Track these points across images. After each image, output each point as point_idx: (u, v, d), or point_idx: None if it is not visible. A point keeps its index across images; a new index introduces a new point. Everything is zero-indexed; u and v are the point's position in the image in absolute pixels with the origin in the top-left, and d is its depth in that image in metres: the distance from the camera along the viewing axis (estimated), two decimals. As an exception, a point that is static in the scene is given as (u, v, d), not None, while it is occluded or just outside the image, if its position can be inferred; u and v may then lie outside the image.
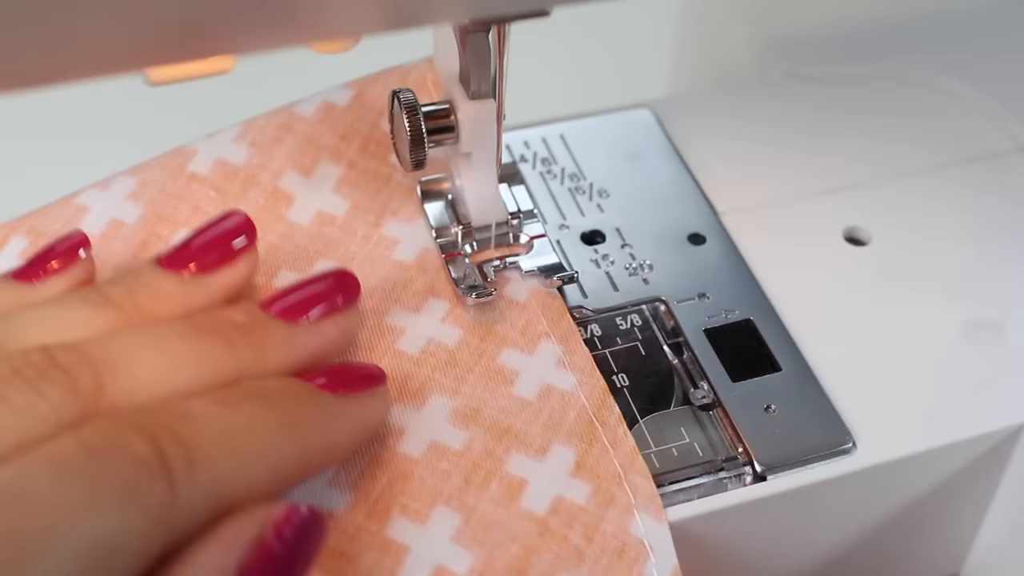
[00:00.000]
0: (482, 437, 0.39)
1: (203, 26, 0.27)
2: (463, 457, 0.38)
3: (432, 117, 0.41)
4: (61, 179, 0.47)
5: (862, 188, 0.49)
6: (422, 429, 0.39)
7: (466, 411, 0.39)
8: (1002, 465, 0.43)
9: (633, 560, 0.36)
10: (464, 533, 0.36)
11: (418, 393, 0.40)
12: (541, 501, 0.37)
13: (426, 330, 0.42)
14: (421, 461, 0.38)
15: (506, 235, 0.44)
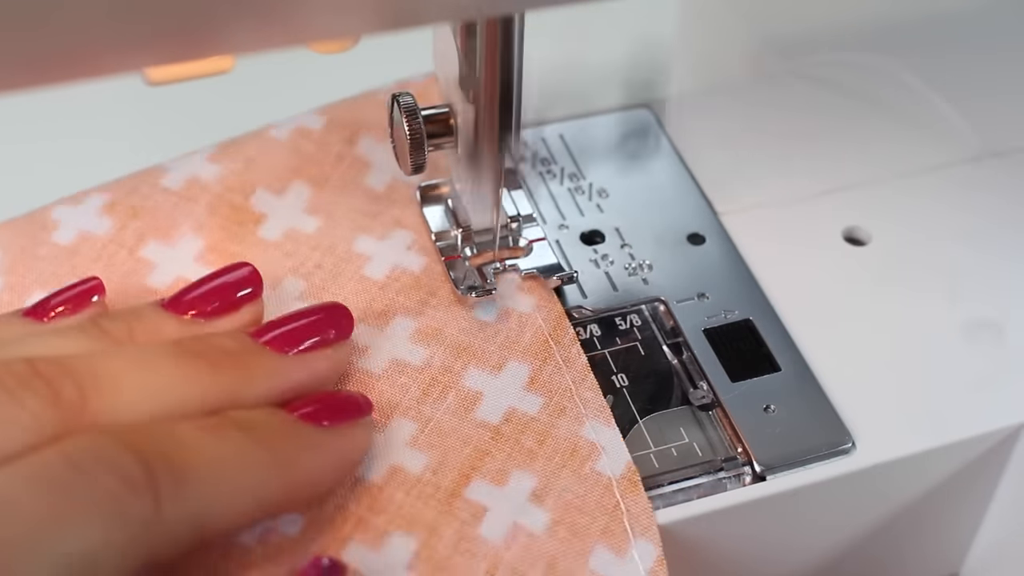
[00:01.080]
0: (441, 354, 0.41)
1: (202, 26, 0.27)
2: (422, 372, 0.40)
3: (432, 121, 0.41)
4: (61, 179, 0.47)
5: (862, 188, 0.49)
6: (384, 347, 0.41)
7: (427, 331, 0.41)
8: (1002, 465, 0.43)
9: (585, 457, 0.39)
10: (420, 439, 0.39)
11: (382, 315, 0.42)
12: (495, 412, 0.40)
13: (392, 257, 0.43)
14: (382, 376, 0.40)
15: (505, 239, 0.44)
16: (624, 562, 0.37)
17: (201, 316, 0.38)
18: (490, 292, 0.42)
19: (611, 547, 0.37)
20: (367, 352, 0.41)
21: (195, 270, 0.43)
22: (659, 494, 0.39)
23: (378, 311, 0.42)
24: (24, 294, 0.42)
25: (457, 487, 0.38)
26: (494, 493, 0.38)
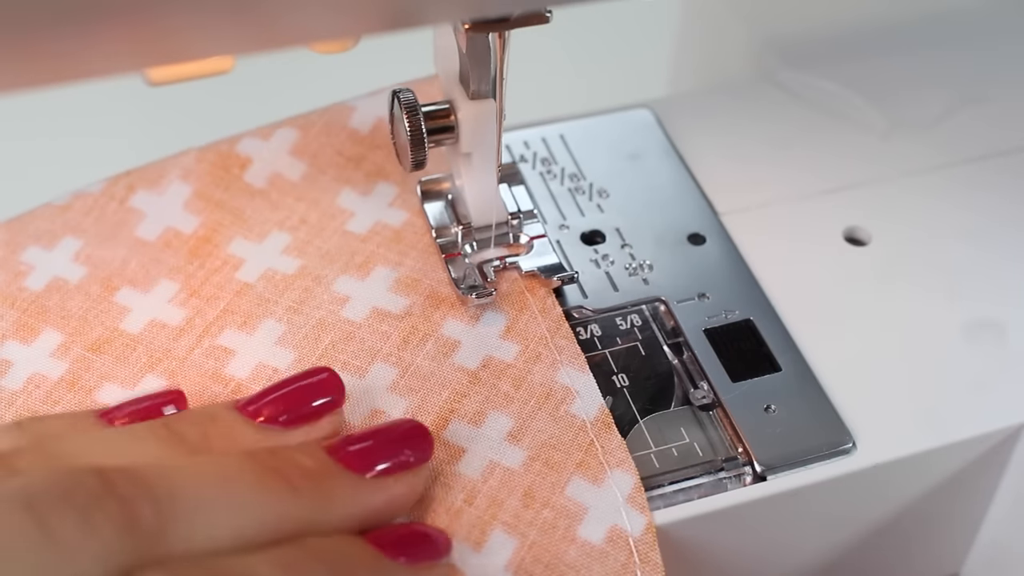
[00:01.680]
0: (421, 304, 0.42)
1: (202, 25, 0.27)
2: (402, 321, 0.42)
3: (432, 117, 0.41)
4: (62, 179, 0.47)
5: (862, 188, 0.49)
6: (365, 296, 0.43)
7: (407, 281, 0.43)
8: (1002, 465, 0.43)
9: (560, 400, 0.40)
10: (400, 384, 0.40)
11: (363, 266, 0.43)
12: (472, 358, 0.41)
13: (374, 213, 0.45)
14: (363, 324, 0.42)
15: (506, 235, 0.44)
16: (602, 490, 0.38)
17: (277, 423, 0.36)
18: (490, 293, 0.42)
19: (587, 477, 0.38)
20: (349, 301, 0.42)
21: (184, 217, 0.44)
22: (660, 494, 0.39)
23: (359, 263, 0.44)
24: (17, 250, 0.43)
25: (435, 429, 0.39)
26: (471, 434, 0.39)
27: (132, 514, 0.29)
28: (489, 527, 0.37)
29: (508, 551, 0.37)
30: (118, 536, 0.29)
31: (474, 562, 0.36)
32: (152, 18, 0.26)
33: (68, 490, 0.29)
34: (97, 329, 0.42)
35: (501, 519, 0.37)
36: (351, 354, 0.41)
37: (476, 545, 0.37)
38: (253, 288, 0.43)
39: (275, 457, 0.34)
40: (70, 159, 0.62)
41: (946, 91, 0.53)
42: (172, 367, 0.41)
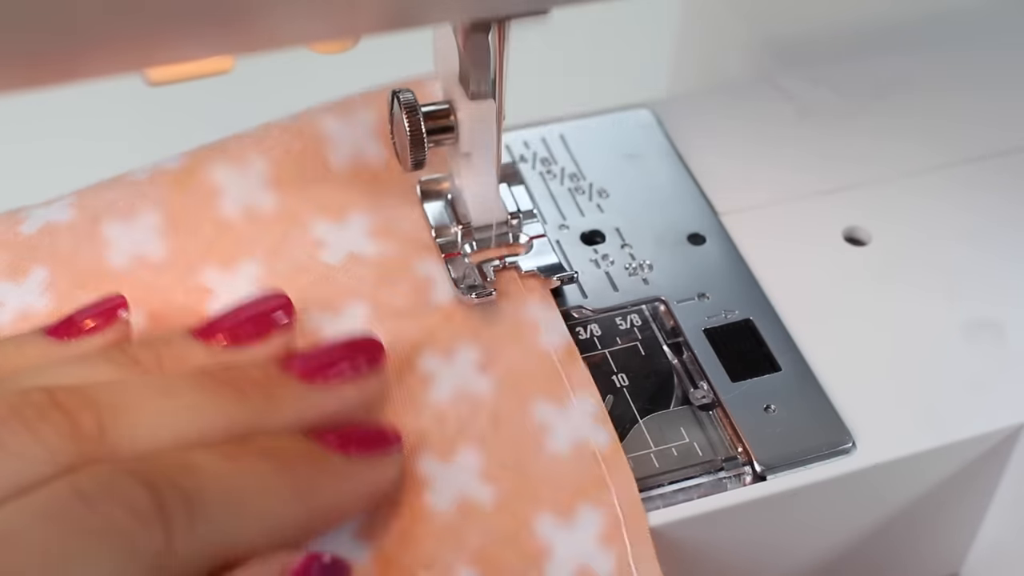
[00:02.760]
0: (395, 248, 0.44)
1: (202, 25, 0.27)
2: (378, 264, 0.43)
3: (432, 117, 0.41)
4: (61, 179, 0.47)
5: (862, 188, 0.49)
6: (341, 241, 0.44)
7: (383, 227, 0.44)
8: (1002, 465, 0.43)
9: (527, 333, 0.42)
10: (374, 321, 0.42)
11: (341, 209, 0.45)
12: (445, 296, 0.43)
13: (356, 144, 0.46)
14: (339, 268, 0.43)
15: (506, 235, 0.44)
16: (566, 411, 0.40)
17: (231, 343, 0.37)
18: (490, 293, 0.42)
19: (552, 399, 0.40)
20: (326, 245, 0.43)
21: None
22: (659, 494, 0.39)
23: (339, 204, 0.44)
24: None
25: (407, 359, 0.41)
26: (441, 364, 0.41)
27: (74, 422, 0.32)
28: (458, 444, 0.39)
29: (476, 463, 0.39)
30: (61, 441, 0.32)
31: (442, 472, 0.38)
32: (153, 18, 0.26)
33: (16, 406, 0.32)
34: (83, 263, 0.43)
35: (469, 436, 0.39)
36: (328, 296, 0.42)
37: (445, 459, 0.39)
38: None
39: (224, 370, 0.36)
40: (70, 159, 0.62)
41: (945, 91, 0.53)
42: (157, 306, 0.42)
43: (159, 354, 0.36)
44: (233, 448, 0.34)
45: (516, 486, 0.38)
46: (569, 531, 0.37)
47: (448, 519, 0.37)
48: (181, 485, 0.31)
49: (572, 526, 0.37)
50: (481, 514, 0.37)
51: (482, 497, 0.38)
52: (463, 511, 0.37)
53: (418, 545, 0.37)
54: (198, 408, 0.34)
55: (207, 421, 0.34)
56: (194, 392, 0.34)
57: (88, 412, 0.33)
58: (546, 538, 0.37)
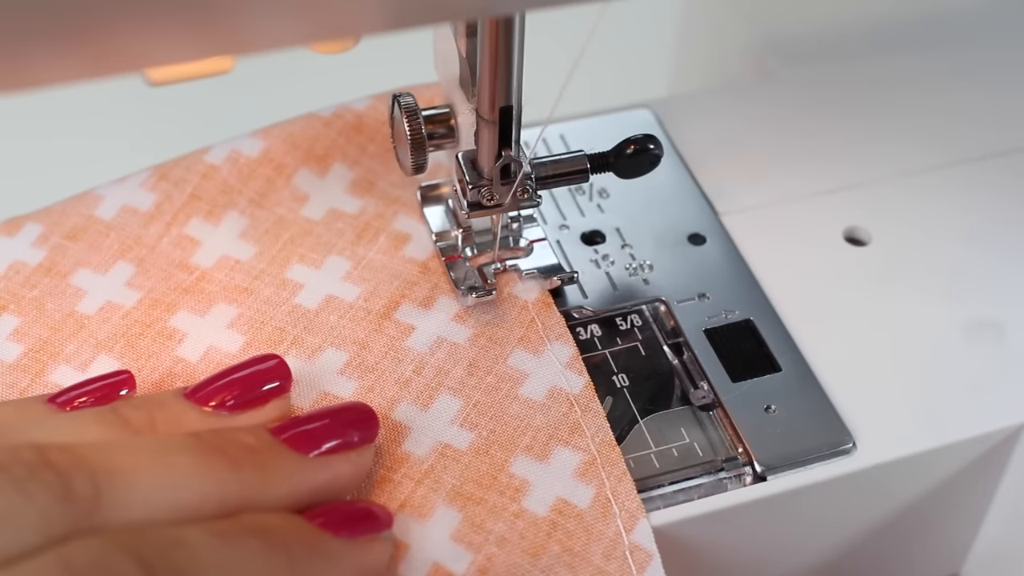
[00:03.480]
0: (374, 204, 0.45)
1: (202, 24, 0.27)
2: (357, 219, 0.45)
3: (432, 121, 0.41)
4: (62, 179, 0.47)
5: (862, 188, 0.49)
6: (323, 195, 0.45)
7: (363, 182, 0.46)
8: (1002, 465, 0.43)
9: (504, 284, 0.43)
10: (353, 274, 0.43)
11: (322, 159, 0.46)
12: (422, 250, 0.44)
13: None
14: (320, 222, 0.45)
15: (506, 239, 0.44)
16: (542, 359, 0.41)
17: (224, 408, 0.37)
18: (490, 293, 0.42)
19: (528, 349, 0.41)
20: (308, 199, 0.45)
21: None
22: (660, 494, 0.39)
23: (319, 154, 0.46)
24: None
25: (387, 311, 0.42)
26: (420, 315, 0.42)
27: (67, 484, 0.31)
28: (435, 392, 0.40)
29: (453, 409, 0.40)
30: (53, 504, 0.30)
31: (420, 421, 0.39)
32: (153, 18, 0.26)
33: (5, 463, 0.30)
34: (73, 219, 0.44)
35: (447, 385, 0.40)
36: (308, 248, 0.44)
37: (423, 406, 0.40)
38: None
39: (218, 436, 0.35)
40: (70, 159, 0.62)
41: (945, 91, 0.53)
42: (142, 254, 0.44)
43: (152, 416, 0.36)
44: (226, 525, 0.33)
45: (493, 431, 0.39)
46: (545, 469, 0.38)
47: (426, 463, 0.38)
48: (174, 561, 0.30)
49: (548, 465, 0.38)
50: (458, 458, 0.39)
51: (459, 442, 0.39)
52: (441, 455, 0.39)
53: (396, 488, 0.38)
54: (192, 475, 0.33)
55: (200, 490, 0.33)
56: (188, 460, 0.33)
57: (82, 475, 0.31)
58: (523, 476, 0.38)
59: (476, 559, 0.36)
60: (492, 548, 0.36)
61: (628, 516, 0.37)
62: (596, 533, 0.37)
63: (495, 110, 0.39)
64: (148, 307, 0.43)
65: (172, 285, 0.43)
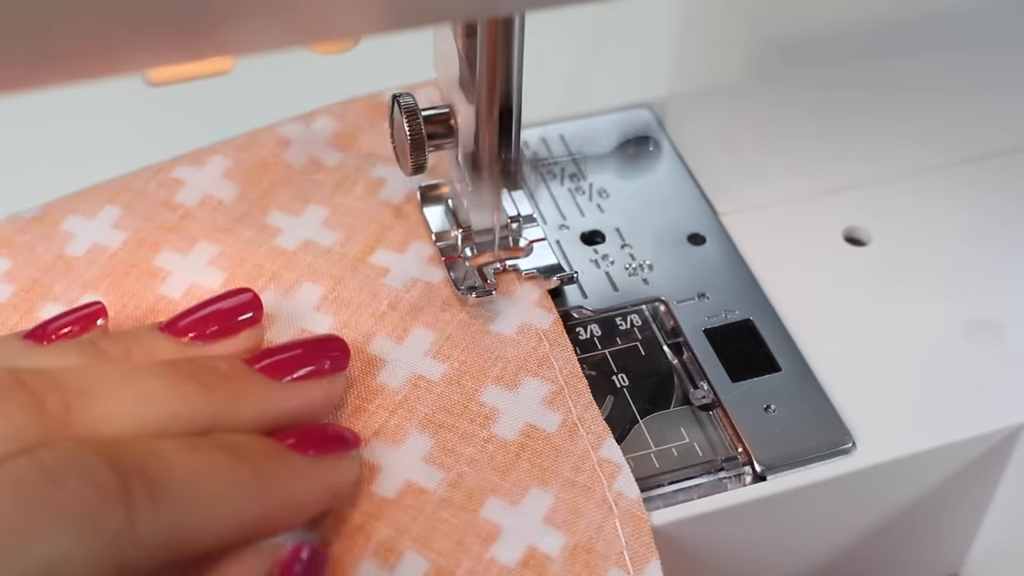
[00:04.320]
0: (353, 158, 0.47)
1: (203, 25, 0.27)
2: (337, 171, 0.47)
3: (432, 121, 0.41)
4: (62, 179, 0.47)
5: (862, 188, 0.49)
6: (306, 145, 0.47)
7: (344, 137, 0.48)
8: (1002, 465, 0.43)
9: None
10: (331, 219, 0.45)
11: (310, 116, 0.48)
12: (397, 193, 0.46)
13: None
14: (299, 171, 0.47)
15: (506, 239, 0.44)
16: (512, 298, 0.43)
17: (199, 339, 0.38)
18: (490, 293, 0.42)
19: (500, 289, 0.43)
20: (290, 145, 0.47)
21: None
22: (659, 494, 0.39)
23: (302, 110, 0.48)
24: None
25: (363, 254, 0.44)
26: (395, 258, 0.44)
27: (39, 401, 0.32)
28: (410, 326, 0.42)
29: (427, 342, 0.41)
30: (25, 418, 0.32)
31: (394, 354, 0.41)
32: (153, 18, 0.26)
33: None
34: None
35: (420, 320, 0.42)
36: (288, 197, 0.46)
37: (398, 339, 0.41)
38: None
39: (190, 363, 0.36)
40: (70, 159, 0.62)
41: (945, 91, 0.53)
42: (130, 199, 0.46)
43: (127, 347, 0.37)
44: (196, 440, 0.34)
45: (464, 363, 0.41)
46: (515, 397, 0.40)
47: (400, 394, 0.40)
48: (146, 468, 0.32)
49: (517, 394, 0.40)
50: (431, 388, 0.40)
51: (432, 373, 0.40)
52: (414, 386, 0.40)
53: (371, 417, 0.39)
54: (163, 397, 0.34)
55: (172, 411, 0.34)
56: (160, 381, 0.35)
57: (54, 393, 0.33)
58: (493, 404, 0.40)
59: (448, 476, 0.38)
60: (463, 467, 0.38)
61: (595, 438, 0.39)
62: (564, 451, 0.39)
63: (495, 110, 0.39)
64: (133, 247, 0.44)
65: (157, 224, 0.45)
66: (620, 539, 0.37)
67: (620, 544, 0.36)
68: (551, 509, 0.37)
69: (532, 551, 0.36)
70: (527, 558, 0.36)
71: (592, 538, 0.36)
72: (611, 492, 0.38)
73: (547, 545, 0.36)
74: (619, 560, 0.36)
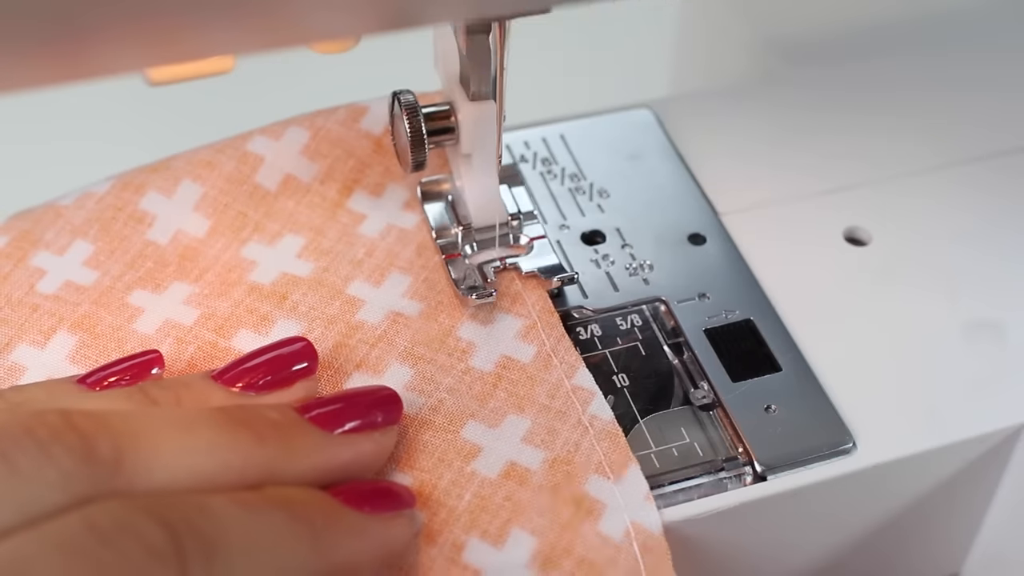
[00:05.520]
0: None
1: (203, 25, 0.27)
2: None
3: (432, 118, 0.41)
4: (62, 179, 0.47)
5: (862, 188, 0.49)
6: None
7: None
8: (1002, 465, 0.43)
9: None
10: (310, 147, 0.46)
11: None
12: (378, 124, 0.47)
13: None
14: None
15: (506, 236, 0.44)
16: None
17: (251, 389, 0.37)
18: (491, 293, 0.42)
19: None
20: None
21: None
22: (660, 494, 0.39)
23: None
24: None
25: (340, 198, 0.45)
26: (372, 203, 0.45)
27: (90, 446, 0.31)
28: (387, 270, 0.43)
29: (404, 284, 0.43)
30: (75, 465, 0.30)
31: (373, 295, 0.42)
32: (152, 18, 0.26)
33: (30, 427, 0.31)
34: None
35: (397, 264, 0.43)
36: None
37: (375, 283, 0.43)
38: None
39: (243, 411, 0.35)
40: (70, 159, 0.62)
41: (946, 91, 0.53)
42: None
43: (178, 395, 0.36)
44: (250, 495, 0.33)
45: (440, 301, 0.42)
46: (490, 332, 0.42)
47: (378, 328, 0.42)
48: (199, 528, 0.30)
49: (492, 328, 0.42)
50: (409, 323, 0.42)
51: (409, 310, 0.42)
52: (393, 322, 0.42)
53: (351, 351, 0.41)
54: (215, 445, 0.33)
55: (223, 459, 0.33)
56: (212, 429, 0.33)
57: (105, 437, 0.31)
58: (469, 339, 0.41)
59: (428, 402, 0.40)
60: (443, 395, 0.40)
61: (568, 367, 0.41)
62: (539, 380, 0.40)
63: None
64: (119, 190, 0.45)
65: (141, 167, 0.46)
66: (598, 452, 0.39)
67: (598, 455, 0.39)
68: (528, 431, 0.39)
69: (512, 465, 0.38)
70: (508, 471, 0.38)
71: (570, 452, 0.39)
72: (585, 416, 0.39)
73: (526, 459, 0.38)
74: (599, 468, 0.38)
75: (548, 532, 0.37)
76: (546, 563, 0.36)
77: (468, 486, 0.38)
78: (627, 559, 0.36)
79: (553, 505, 0.37)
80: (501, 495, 0.37)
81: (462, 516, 0.37)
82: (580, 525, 0.37)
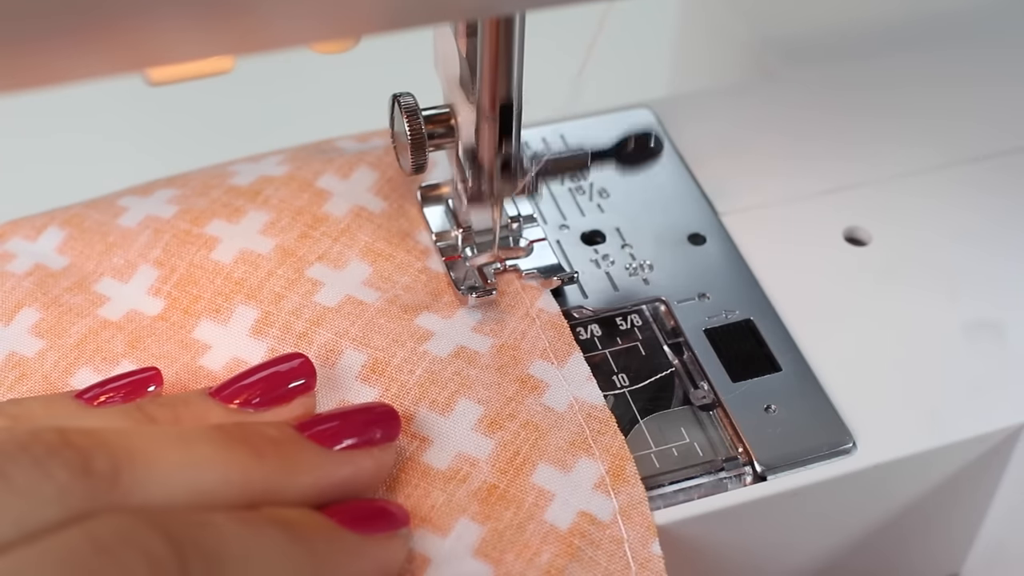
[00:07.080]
0: None
1: (202, 24, 0.27)
2: None
3: (433, 121, 0.41)
4: (62, 179, 0.47)
5: (862, 188, 0.49)
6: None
7: None
8: (1002, 465, 0.43)
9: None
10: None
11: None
12: None
13: None
14: None
15: (506, 239, 0.44)
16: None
17: (249, 406, 0.37)
18: (490, 293, 0.42)
19: None
20: None
21: None
22: (660, 494, 0.39)
23: None
24: None
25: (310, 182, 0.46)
26: (339, 185, 0.45)
27: (87, 462, 0.31)
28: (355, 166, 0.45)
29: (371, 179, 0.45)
30: (72, 480, 0.30)
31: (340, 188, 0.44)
32: (152, 18, 0.26)
33: (26, 444, 0.31)
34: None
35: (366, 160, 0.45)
36: None
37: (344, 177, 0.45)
38: None
39: (241, 428, 0.35)
40: (70, 159, 0.62)
41: (946, 90, 0.53)
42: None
43: (176, 412, 0.36)
44: (249, 514, 0.33)
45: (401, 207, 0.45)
46: None
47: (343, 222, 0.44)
48: (201, 542, 0.30)
49: None
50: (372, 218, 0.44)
51: (373, 207, 0.45)
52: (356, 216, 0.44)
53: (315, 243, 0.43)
54: (214, 462, 0.33)
55: (222, 476, 0.33)
56: (210, 446, 0.33)
57: (102, 453, 0.31)
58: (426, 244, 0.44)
59: (385, 295, 0.42)
60: (399, 291, 0.42)
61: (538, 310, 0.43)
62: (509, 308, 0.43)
63: (496, 107, 0.39)
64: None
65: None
66: (543, 340, 0.41)
67: (543, 343, 0.41)
68: (478, 322, 0.42)
69: (462, 348, 0.41)
70: (458, 351, 0.41)
71: (517, 339, 0.41)
72: (533, 309, 0.42)
73: (476, 344, 0.41)
74: (544, 354, 0.41)
75: (494, 402, 0.39)
76: (491, 425, 0.39)
77: (419, 363, 0.40)
78: (571, 425, 0.39)
79: (499, 381, 0.40)
80: (451, 370, 0.40)
81: (412, 389, 0.39)
82: (525, 399, 0.40)
